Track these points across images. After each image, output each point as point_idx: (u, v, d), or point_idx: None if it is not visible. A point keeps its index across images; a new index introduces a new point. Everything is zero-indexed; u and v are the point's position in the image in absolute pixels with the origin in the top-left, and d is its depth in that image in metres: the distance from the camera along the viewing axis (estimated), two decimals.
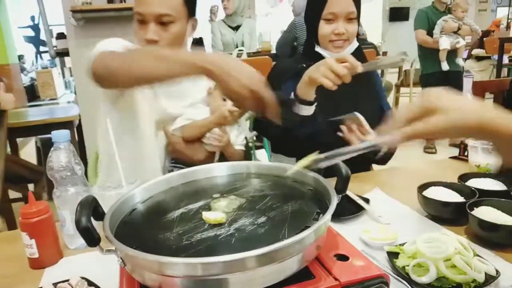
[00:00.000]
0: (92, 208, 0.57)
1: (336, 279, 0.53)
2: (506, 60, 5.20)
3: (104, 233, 0.54)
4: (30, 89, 7.57)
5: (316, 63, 1.06)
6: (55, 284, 0.67)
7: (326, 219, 0.53)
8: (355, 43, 1.30)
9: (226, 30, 3.83)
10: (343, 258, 0.58)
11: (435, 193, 0.91)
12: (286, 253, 0.50)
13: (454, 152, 1.45)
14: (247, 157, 1.40)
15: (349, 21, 1.25)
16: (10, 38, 7.15)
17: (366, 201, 0.97)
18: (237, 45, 3.72)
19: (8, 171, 2.03)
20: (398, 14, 8.89)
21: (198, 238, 0.55)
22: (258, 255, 0.47)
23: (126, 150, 1.11)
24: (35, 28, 10.01)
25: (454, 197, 0.90)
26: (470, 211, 0.80)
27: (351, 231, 0.81)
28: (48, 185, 3.15)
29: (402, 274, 0.68)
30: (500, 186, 0.95)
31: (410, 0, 8.82)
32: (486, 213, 0.80)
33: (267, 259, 0.48)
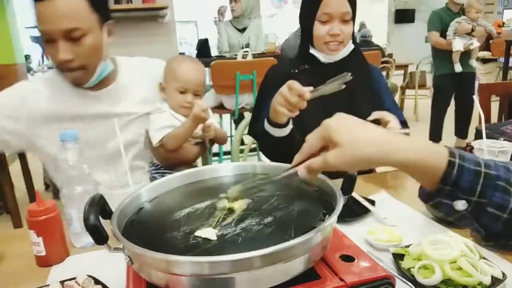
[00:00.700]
0: (100, 206, 0.57)
1: (341, 280, 0.53)
2: None
3: (112, 231, 0.54)
4: None
5: (278, 91, 1.03)
6: (62, 282, 0.68)
7: (332, 220, 0.54)
8: (350, 45, 1.28)
9: (232, 31, 3.83)
10: (349, 259, 0.58)
11: None
12: (292, 253, 0.50)
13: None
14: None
15: (344, 22, 1.22)
16: (17, 38, 7.20)
17: (372, 202, 0.97)
18: (242, 46, 3.73)
19: None
20: (404, 16, 8.88)
21: (205, 237, 0.55)
22: (265, 255, 0.47)
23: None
24: None
25: None
26: None
27: (357, 233, 0.81)
28: (54, 184, 3.17)
29: (407, 276, 0.68)
30: None
31: (415, 2, 8.80)
32: None
33: (274, 259, 0.48)
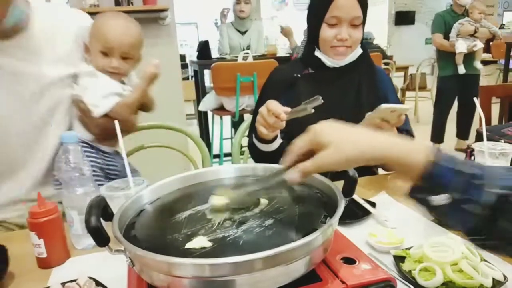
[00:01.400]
0: (101, 208, 0.57)
1: (343, 282, 0.53)
2: None
3: (113, 233, 0.54)
4: None
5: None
6: (63, 283, 0.68)
7: (333, 222, 0.54)
8: (359, 50, 1.23)
9: (234, 33, 3.84)
10: (350, 261, 0.58)
11: None
12: (294, 255, 0.50)
13: (463, 156, 1.44)
14: None
15: (353, 27, 1.17)
16: None
17: (373, 205, 0.97)
18: (243, 48, 3.74)
19: None
20: (404, 18, 8.88)
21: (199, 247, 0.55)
22: (266, 257, 0.47)
23: None
24: None
25: None
26: None
27: (357, 235, 0.80)
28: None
29: (408, 278, 0.68)
30: None
31: (416, 4, 8.81)
32: None
33: (275, 261, 0.48)
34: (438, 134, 3.96)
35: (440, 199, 0.51)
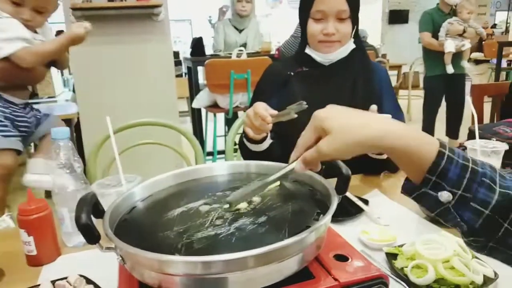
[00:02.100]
0: (92, 205, 0.57)
1: (335, 280, 0.53)
2: (504, 63, 5.22)
3: (104, 230, 0.54)
4: None
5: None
6: (53, 281, 0.67)
7: (326, 220, 0.53)
8: (351, 45, 1.20)
9: (230, 30, 3.82)
10: (343, 258, 0.58)
11: None
12: (286, 253, 0.50)
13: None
14: None
15: (340, 20, 1.14)
16: None
17: (365, 202, 0.97)
18: (240, 45, 3.72)
19: None
20: (398, 17, 8.93)
21: (198, 237, 0.54)
22: (258, 255, 0.47)
23: None
24: None
25: None
26: None
27: (350, 232, 0.80)
28: None
29: (400, 275, 0.68)
30: None
31: (409, 2, 8.86)
32: None
33: (267, 259, 0.48)
34: (428, 132, 3.98)
35: (447, 196, 0.48)
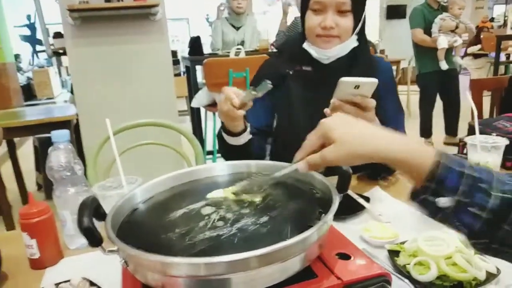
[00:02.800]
0: (93, 208, 0.57)
1: (338, 278, 0.53)
2: (503, 57, 5.22)
3: (106, 233, 0.54)
4: (27, 88, 7.55)
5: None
6: (57, 284, 0.67)
7: (328, 218, 0.54)
8: (352, 42, 1.11)
9: (228, 29, 3.81)
10: (345, 257, 0.58)
11: None
12: (289, 252, 0.50)
13: (453, 150, 1.45)
14: None
15: (341, 14, 1.06)
16: (7, 37, 7.12)
17: (367, 199, 0.97)
18: (238, 43, 3.72)
19: None
20: (395, 12, 8.91)
21: (200, 238, 0.54)
22: (261, 255, 0.47)
23: None
24: (32, 27, 9.97)
25: None
26: None
27: (352, 230, 0.81)
28: (46, 185, 3.15)
29: (403, 272, 0.68)
30: None
31: None
32: None
33: (270, 259, 0.48)
34: (425, 129, 3.99)
35: (445, 202, 0.51)
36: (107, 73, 2.69)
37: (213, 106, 3.03)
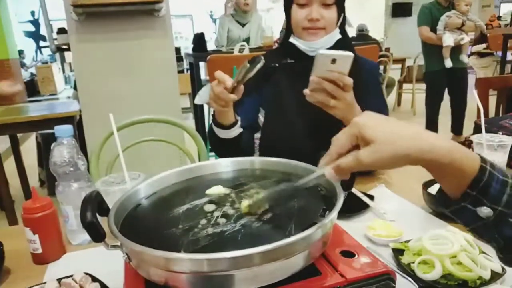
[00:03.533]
0: (96, 203, 0.56)
1: (342, 276, 0.52)
2: (509, 56, 5.17)
3: (109, 228, 0.53)
4: (30, 84, 7.56)
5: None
6: (59, 279, 0.67)
7: (333, 216, 0.53)
8: (336, 34, 1.14)
9: (234, 26, 3.81)
10: (349, 254, 0.57)
11: None
12: (293, 249, 0.49)
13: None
14: None
15: (325, 6, 1.09)
16: (11, 33, 7.13)
17: (371, 198, 0.96)
18: (243, 40, 3.72)
19: None
20: (401, 10, 8.87)
21: (204, 234, 0.54)
22: (265, 252, 0.46)
23: None
24: (35, 23, 9.99)
25: None
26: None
27: (356, 228, 0.80)
28: (49, 181, 3.16)
29: (407, 271, 0.68)
30: None
31: None
32: None
33: (274, 256, 0.48)
34: (431, 128, 3.97)
35: (486, 211, 0.47)
36: (111, 69, 2.69)
37: None
